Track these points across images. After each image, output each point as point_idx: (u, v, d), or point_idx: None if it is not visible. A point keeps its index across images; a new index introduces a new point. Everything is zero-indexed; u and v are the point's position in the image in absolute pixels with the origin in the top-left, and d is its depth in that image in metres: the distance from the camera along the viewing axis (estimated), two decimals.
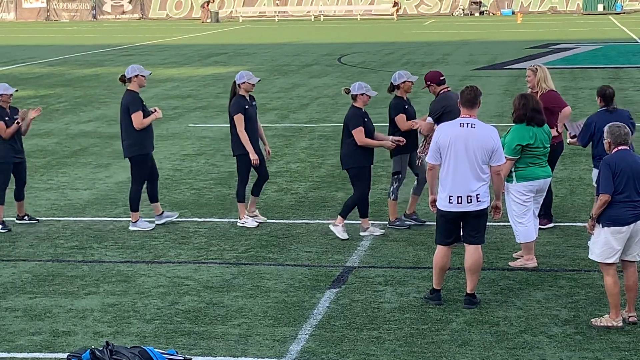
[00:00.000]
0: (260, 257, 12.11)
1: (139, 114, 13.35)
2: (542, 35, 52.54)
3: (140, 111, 13.37)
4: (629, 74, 32.65)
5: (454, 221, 10.09)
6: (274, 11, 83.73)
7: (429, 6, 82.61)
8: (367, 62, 39.12)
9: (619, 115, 11.84)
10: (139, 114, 13.35)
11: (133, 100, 13.41)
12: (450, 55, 41.45)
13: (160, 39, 56.83)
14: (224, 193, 15.76)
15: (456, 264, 11.19)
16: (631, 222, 9.34)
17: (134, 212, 13.52)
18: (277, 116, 24.72)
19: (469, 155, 9.91)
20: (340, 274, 11.33)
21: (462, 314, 9.92)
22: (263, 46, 49.96)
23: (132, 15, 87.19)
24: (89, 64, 41.14)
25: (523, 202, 11.37)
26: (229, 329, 9.62)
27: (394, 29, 64.22)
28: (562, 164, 17.40)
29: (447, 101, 12.56)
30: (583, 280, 10.89)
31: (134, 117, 13.32)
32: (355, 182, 12.82)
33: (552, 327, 9.51)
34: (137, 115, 13.33)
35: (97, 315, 10.10)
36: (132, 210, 13.53)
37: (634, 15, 74.30)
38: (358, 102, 12.74)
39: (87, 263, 12.03)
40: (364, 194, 12.79)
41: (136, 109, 13.35)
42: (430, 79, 13.02)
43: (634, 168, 9.36)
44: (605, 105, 12.01)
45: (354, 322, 9.73)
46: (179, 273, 11.52)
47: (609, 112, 11.94)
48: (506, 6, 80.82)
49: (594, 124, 11.85)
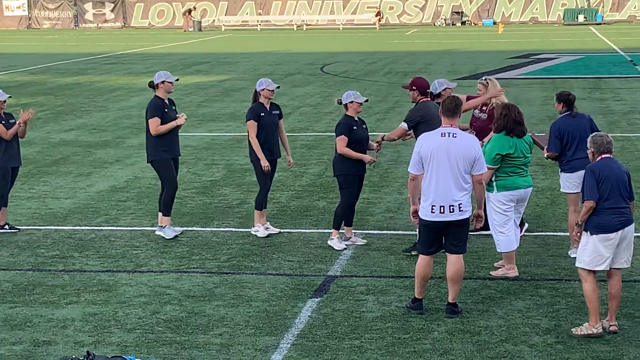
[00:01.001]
0: (242, 266, 12.10)
1: (155, 120, 13.26)
2: (523, 45, 52.74)
3: (156, 117, 13.26)
4: (609, 84, 32.81)
5: (437, 231, 10.11)
6: (256, 20, 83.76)
7: (411, 16, 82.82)
8: (349, 72, 39.18)
9: (581, 119, 12.05)
10: (155, 120, 13.26)
11: (153, 106, 13.36)
12: (433, 65, 41.56)
13: (142, 48, 56.76)
14: (205, 202, 15.75)
15: (438, 274, 11.21)
16: (619, 228, 9.39)
17: (165, 216, 13.46)
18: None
19: (451, 165, 9.94)
20: (322, 283, 11.33)
21: (443, 323, 9.94)
22: (245, 55, 49.96)
23: (114, 23, 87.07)
24: (70, 72, 41.05)
25: (504, 212, 11.40)
26: (211, 339, 9.61)
27: (377, 38, 64.34)
28: (543, 174, 17.47)
29: (426, 110, 12.54)
30: (564, 290, 10.92)
31: (150, 123, 13.29)
32: (343, 190, 12.82)
33: (533, 336, 9.54)
34: (153, 122, 13.27)
35: (78, 325, 10.06)
36: (164, 214, 13.48)
37: (615, 25, 74.68)
38: (350, 111, 12.71)
39: (68, 272, 11.99)
40: (350, 202, 12.79)
41: (152, 115, 13.28)
42: (417, 86, 12.81)
43: (618, 175, 9.43)
44: (567, 110, 12.13)
45: (336, 332, 9.73)
46: (160, 282, 11.49)
47: (571, 116, 12.05)
48: (487, 16, 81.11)
49: (561, 129, 11.95)
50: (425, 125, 12.19)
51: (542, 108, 26.63)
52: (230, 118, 25.91)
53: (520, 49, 49.40)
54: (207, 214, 14.86)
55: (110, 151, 21.05)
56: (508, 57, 44.39)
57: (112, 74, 39.73)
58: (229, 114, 26.71)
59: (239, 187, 16.92)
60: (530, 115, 23.67)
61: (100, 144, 21.99)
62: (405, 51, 50.37)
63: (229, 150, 20.84)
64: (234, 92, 32.54)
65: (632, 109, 26.30)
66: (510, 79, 35.02)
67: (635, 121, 23.93)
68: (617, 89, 31.03)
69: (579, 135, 11.81)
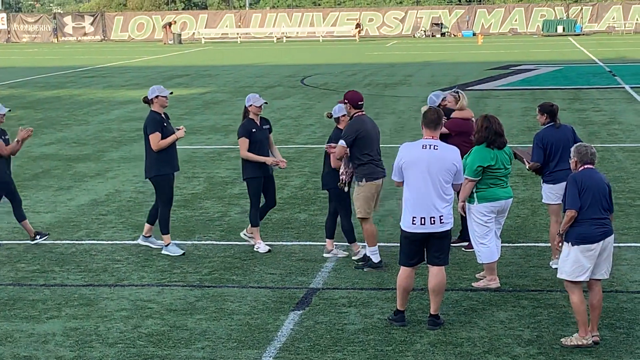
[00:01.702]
0: (223, 280, 12.07)
1: (156, 135, 13.16)
2: (502, 56, 52.96)
3: (157, 132, 13.16)
4: (588, 94, 32.97)
5: (418, 242, 10.10)
6: (236, 33, 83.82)
7: (390, 27, 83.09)
8: (329, 84, 39.23)
9: (564, 130, 12.08)
10: (156, 135, 13.16)
11: (151, 121, 13.25)
12: (412, 77, 41.67)
13: (122, 61, 56.68)
14: (187, 215, 15.71)
15: (420, 285, 11.22)
16: (600, 239, 9.42)
17: (164, 234, 13.33)
18: None
19: (432, 178, 9.95)
20: (304, 296, 11.31)
21: (426, 335, 9.94)
22: (226, 68, 49.97)
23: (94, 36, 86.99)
24: (50, 86, 40.94)
25: (484, 223, 11.42)
26: (193, 352, 9.57)
27: (356, 50, 64.47)
28: (524, 185, 17.51)
29: (361, 125, 12.27)
30: (546, 301, 10.94)
31: (151, 138, 13.16)
32: (339, 204, 12.73)
33: (515, 347, 9.54)
34: (154, 137, 13.16)
35: (59, 340, 10.01)
36: (162, 233, 13.35)
37: (593, 36, 75.10)
38: (341, 124, 12.65)
39: (48, 287, 11.93)
40: (338, 214, 12.78)
41: (153, 130, 13.17)
42: (349, 99, 12.45)
43: (600, 186, 9.46)
44: (551, 120, 12.14)
45: (318, 344, 9.71)
46: (142, 296, 11.45)
47: (555, 127, 12.08)
48: (467, 28, 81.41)
49: (544, 139, 11.98)
50: (362, 141, 12.16)
51: (522, 119, 26.72)
52: (211, 131, 25.89)
53: (500, 60, 49.61)
54: (188, 227, 14.83)
55: (90, 165, 20.99)
56: (488, 69, 44.57)
57: (92, 87, 39.64)
58: (209, 126, 26.68)
59: (220, 200, 16.89)
60: (510, 127, 23.76)
61: (81, 158, 21.92)
62: (385, 63, 50.50)
63: (209, 163, 20.81)
64: (215, 104, 32.52)
65: (612, 119, 26.43)
66: (490, 90, 35.17)
67: (614, 132, 24.05)
68: (597, 100, 31.19)
69: (562, 146, 11.84)
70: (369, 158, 12.22)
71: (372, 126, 12.39)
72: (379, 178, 12.32)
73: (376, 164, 12.29)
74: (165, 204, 13.35)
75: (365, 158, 12.21)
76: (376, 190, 12.34)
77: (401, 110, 28.88)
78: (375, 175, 12.28)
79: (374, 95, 33.82)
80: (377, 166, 12.31)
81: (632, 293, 11.18)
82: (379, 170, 12.32)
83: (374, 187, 12.29)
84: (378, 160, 12.35)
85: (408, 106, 30.41)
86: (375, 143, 12.34)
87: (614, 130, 24.36)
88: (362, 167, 12.25)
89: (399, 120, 26.71)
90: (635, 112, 27.90)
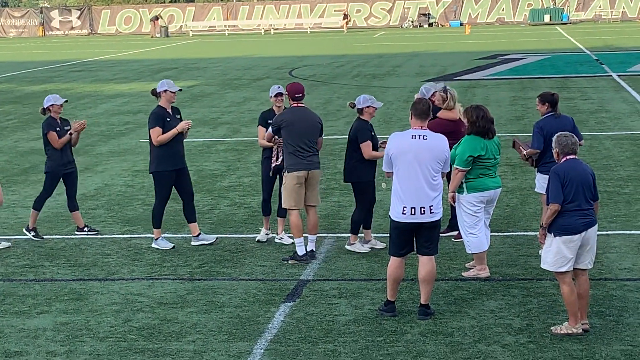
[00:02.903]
0: (214, 272, 12.08)
1: (156, 130, 12.99)
2: (490, 46, 52.99)
3: (157, 127, 12.99)
4: (576, 83, 33.03)
5: (408, 232, 10.12)
6: (223, 25, 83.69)
7: (378, 18, 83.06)
8: (317, 75, 39.21)
9: (564, 120, 12.07)
10: (156, 130, 12.99)
11: (154, 115, 13.10)
12: (401, 67, 41.67)
13: (110, 55, 56.57)
14: (176, 209, 15.68)
15: (410, 275, 11.24)
16: (582, 230, 9.43)
17: (155, 228, 13.28)
18: (228, 130, 24.70)
19: (421, 168, 9.96)
20: (295, 288, 11.32)
21: (416, 325, 9.96)
22: (214, 60, 49.90)
23: (81, 30, 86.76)
24: (38, 80, 40.83)
25: (474, 213, 11.44)
26: (184, 345, 9.58)
27: (344, 41, 64.43)
28: (513, 174, 17.55)
29: (287, 116, 12.35)
30: (535, 289, 10.97)
31: (152, 133, 13.03)
32: (360, 196, 12.72)
33: (505, 336, 9.57)
34: (154, 132, 13.01)
35: (50, 335, 10.00)
36: (153, 226, 13.30)
37: (580, 25, 75.18)
38: (365, 115, 12.55)
39: (38, 282, 11.92)
40: (366, 207, 12.74)
41: (154, 125, 13.01)
42: (288, 91, 12.57)
43: (583, 177, 9.46)
44: (551, 110, 12.14)
45: (309, 336, 9.73)
46: (132, 290, 11.45)
47: (555, 117, 12.08)
48: (454, 17, 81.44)
49: (544, 128, 11.97)
50: (285, 131, 12.28)
51: (511, 108, 26.76)
52: (200, 123, 25.85)
53: (488, 50, 49.64)
54: (178, 221, 14.81)
55: (79, 159, 20.85)
56: (475, 58, 44.59)
57: (80, 82, 39.54)
58: (198, 119, 26.64)
59: (209, 192, 16.88)
60: (498, 116, 23.78)
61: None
62: (373, 54, 50.48)
63: (198, 156, 20.79)
64: (203, 97, 32.47)
65: (600, 107, 26.48)
66: (478, 80, 35.19)
67: (602, 120, 24.10)
68: (584, 88, 31.24)
69: None
70: (292, 149, 12.31)
71: (304, 118, 12.39)
72: (301, 170, 12.33)
73: (301, 156, 12.31)
74: (160, 200, 13.29)
75: (289, 149, 12.33)
76: (299, 181, 12.35)
77: (389, 101, 28.88)
78: (297, 166, 12.33)
79: (363, 87, 33.82)
80: (302, 158, 12.33)
81: (621, 280, 11.22)
82: (303, 162, 12.34)
83: (295, 178, 12.33)
84: (304, 152, 12.33)
85: (396, 97, 30.42)
86: (304, 135, 12.33)
87: (602, 118, 24.42)
88: (287, 157, 12.42)
89: (387, 111, 26.70)
90: (623, 100, 27.96)
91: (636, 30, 64.61)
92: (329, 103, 29.58)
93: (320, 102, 29.53)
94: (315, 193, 12.57)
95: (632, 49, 47.34)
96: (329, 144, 21.61)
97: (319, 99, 30.26)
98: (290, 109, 12.53)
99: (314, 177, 12.48)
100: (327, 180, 17.59)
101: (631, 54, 44.24)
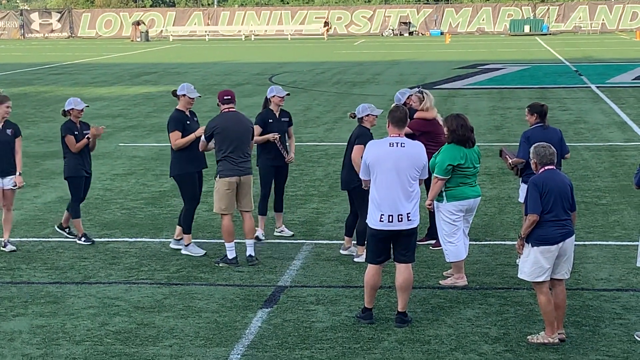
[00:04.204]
0: (191, 277, 12.05)
1: (176, 133, 12.91)
2: (470, 55, 53.18)
3: (176, 131, 12.90)
4: (555, 94, 33.18)
5: (385, 240, 10.13)
6: (204, 30, 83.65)
7: (359, 26, 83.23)
8: (298, 82, 39.24)
9: (552, 132, 11.98)
10: (176, 133, 12.91)
11: (173, 119, 13.03)
12: (381, 75, 41.75)
13: (89, 58, 56.41)
14: (154, 213, 15.67)
15: (387, 283, 11.25)
16: (560, 241, 9.46)
17: (185, 234, 13.12)
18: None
19: (399, 175, 9.97)
20: (272, 294, 11.31)
21: (393, 332, 9.97)
22: (194, 65, 49.85)
23: (61, 33, 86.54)
24: (17, 82, 40.66)
25: (453, 222, 11.46)
26: (161, 350, 9.55)
27: (325, 48, 64.50)
28: (491, 183, 17.60)
29: (219, 122, 12.38)
30: (513, 298, 11.01)
31: (171, 137, 12.95)
32: (364, 203, 12.37)
33: (482, 344, 9.59)
34: (173, 135, 12.93)
35: (26, 337, 9.95)
36: (184, 232, 13.15)
37: (560, 36, 75.56)
38: (366, 124, 12.43)
39: (15, 284, 11.87)
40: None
41: (173, 129, 12.94)
42: (218, 97, 12.72)
43: (561, 187, 9.49)
44: (540, 121, 12.08)
45: (286, 342, 9.72)
46: (109, 294, 11.41)
47: (543, 128, 12.04)
48: (435, 26, 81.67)
49: (531, 138, 11.94)
50: (218, 137, 12.30)
51: (489, 118, 26.86)
52: None
53: (467, 59, 49.82)
54: (156, 225, 14.79)
55: (58, 162, 20.83)
56: (455, 67, 44.75)
57: (59, 85, 39.42)
58: None
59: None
60: (478, 125, 23.85)
61: (48, 155, 21.80)
62: (354, 61, 50.57)
63: None
64: None
65: (578, 118, 26.61)
66: (458, 89, 35.31)
67: (581, 131, 24.21)
68: (563, 99, 31.39)
69: None
70: (223, 154, 12.34)
71: (236, 123, 12.41)
72: (232, 176, 12.34)
73: (232, 162, 12.34)
74: (189, 202, 13.14)
75: (220, 154, 12.36)
76: (230, 187, 12.38)
77: None
78: (228, 172, 12.35)
79: (342, 94, 33.87)
80: (234, 164, 12.35)
81: (598, 291, 11.27)
82: (234, 168, 12.35)
83: (226, 184, 12.36)
84: (237, 157, 12.36)
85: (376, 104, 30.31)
86: (236, 141, 12.35)
87: (580, 129, 24.53)
88: (218, 163, 12.42)
89: None
90: (601, 112, 28.11)
91: (615, 42, 65.00)
92: (308, 110, 29.62)
93: (300, 108, 29.56)
94: (248, 198, 12.61)
95: (610, 61, 47.63)
96: (308, 151, 21.63)
97: (299, 106, 30.28)
98: (222, 114, 12.50)
99: (246, 182, 12.52)
100: (305, 187, 17.60)
101: (610, 66, 44.51)
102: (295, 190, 17.19)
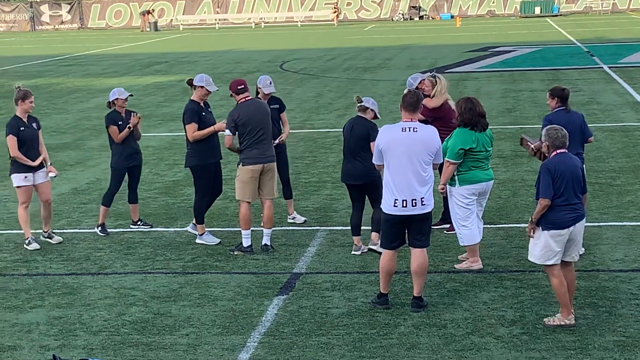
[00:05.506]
0: (207, 266, 12.08)
1: (192, 125, 12.85)
2: (481, 38, 53.01)
3: (193, 123, 12.84)
4: (567, 75, 33.06)
5: (399, 225, 10.13)
6: (214, 19, 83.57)
7: (368, 11, 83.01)
8: (309, 69, 39.18)
9: (574, 116, 11.85)
10: (192, 125, 12.85)
11: (189, 110, 12.96)
12: (391, 60, 41.66)
13: (100, 49, 56.45)
14: (168, 202, 15.70)
15: (402, 268, 11.25)
16: (570, 225, 9.44)
17: (199, 224, 13.17)
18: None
19: (412, 160, 9.96)
20: (288, 281, 11.33)
21: (409, 317, 9.97)
22: (204, 54, 49.83)
23: (71, 25, 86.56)
24: (28, 75, 40.72)
25: (466, 205, 11.46)
26: (177, 339, 9.58)
27: (335, 34, 64.39)
28: (505, 166, 17.57)
29: (239, 112, 12.29)
30: (528, 281, 11.00)
31: (187, 129, 12.90)
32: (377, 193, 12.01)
33: (498, 327, 9.60)
34: (190, 127, 12.87)
35: (43, 329, 10.00)
36: (197, 222, 13.19)
37: (571, 17, 75.25)
38: (367, 115, 12.32)
39: (31, 276, 11.92)
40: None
41: (190, 121, 12.88)
42: (231, 89, 12.63)
43: (573, 171, 9.47)
44: (562, 105, 11.92)
45: (303, 329, 9.74)
46: (125, 284, 11.45)
47: (565, 112, 11.89)
48: (445, 10, 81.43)
49: (553, 122, 11.82)
50: (242, 128, 12.22)
51: (502, 100, 26.79)
52: None
53: (478, 42, 49.66)
54: (170, 214, 14.82)
55: (70, 153, 20.93)
56: (466, 51, 44.61)
57: (70, 76, 39.46)
58: None
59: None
60: (490, 108, 23.78)
61: (61, 147, 21.85)
62: (364, 47, 50.47)
63: None
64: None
65: (591, 99, 26.52)
66: (469, 72, 35.21)
67: (593, 112, 24.13)
68: (575, 80, 31.27)
69: (570, 131, 11.68)
70: (248, 142, 12.27)
71: (257, 110, 12.36)
72: (256, 164, 12.31)
73: (257, 148, 12.29)
74: (201, 194, 13.12)
75: (246, 143, 12.29)
76: (253, 174, 12.34)
77: (380, 94, 28.88)
78: (252, 160, 12.31)
79: (353, 79, 33.82)
80: (258, 151, 12.30)
81: (613, 272, 11.25)
82: (259, 156, 12.31)
83: (249, 171, 12.32)
84: (261, 145, 12.31)
85: (387, 90, 30.42)
86: (261, 128, 12.30)
87: (593, 110, 24.44)
88: (242, 151, 12.36)
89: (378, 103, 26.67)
90: (614, 92, 28.00)
91: (626, 22, 64.72)
92: (320, 96, 29.57)
93: (311, 95, 29.53)
94: (270, 186, 12.55)
95: (622, 41, 47.42)
96: (320, 137, 21.62)
97: (311, 93, 30.25)
98: (241, 105, 12.41)
99: (270, 170, 12.47)
100: (318, 173, 17.60)
101: (622, 46, 44.31)
102: (308, 177, 17.20)
